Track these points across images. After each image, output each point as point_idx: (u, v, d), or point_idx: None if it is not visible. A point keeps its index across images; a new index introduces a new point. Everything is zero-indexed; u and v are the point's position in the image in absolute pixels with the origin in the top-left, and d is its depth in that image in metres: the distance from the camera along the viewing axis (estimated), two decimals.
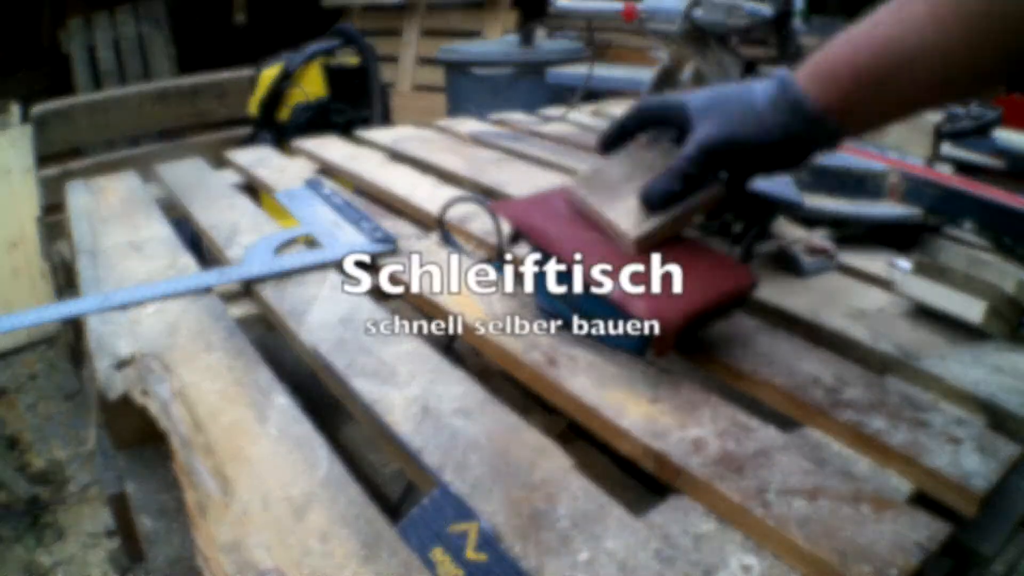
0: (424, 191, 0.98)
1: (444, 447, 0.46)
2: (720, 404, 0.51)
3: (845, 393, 0.53)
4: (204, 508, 0.41)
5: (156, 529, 0.48)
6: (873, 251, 0.82)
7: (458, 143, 1.28)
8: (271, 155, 1.19)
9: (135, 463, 0.54)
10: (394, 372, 0.55)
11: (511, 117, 1.50)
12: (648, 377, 0.54)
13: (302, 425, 0.49)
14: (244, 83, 1.89)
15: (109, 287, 0.70)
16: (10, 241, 2.32)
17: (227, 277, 0.70)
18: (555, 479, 0.44)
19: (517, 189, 0.98)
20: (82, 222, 0.89)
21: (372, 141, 1.28)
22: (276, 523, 0.40)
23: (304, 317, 0.63)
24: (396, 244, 0.78)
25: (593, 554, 0.39)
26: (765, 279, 0.71)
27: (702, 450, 0.46)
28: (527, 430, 0.48)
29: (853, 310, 0.66)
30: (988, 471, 0.45)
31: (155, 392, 0.52)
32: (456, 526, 0.40)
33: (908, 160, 0.88)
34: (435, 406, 0.51)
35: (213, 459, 0.45)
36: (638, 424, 0.48)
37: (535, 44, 2.41)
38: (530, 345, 0.58)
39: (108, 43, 3.42)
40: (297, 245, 0.80)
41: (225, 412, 0.50)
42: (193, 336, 0.60)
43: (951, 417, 0.51)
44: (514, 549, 0.39)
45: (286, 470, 0.44)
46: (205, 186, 1.02)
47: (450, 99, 2.48)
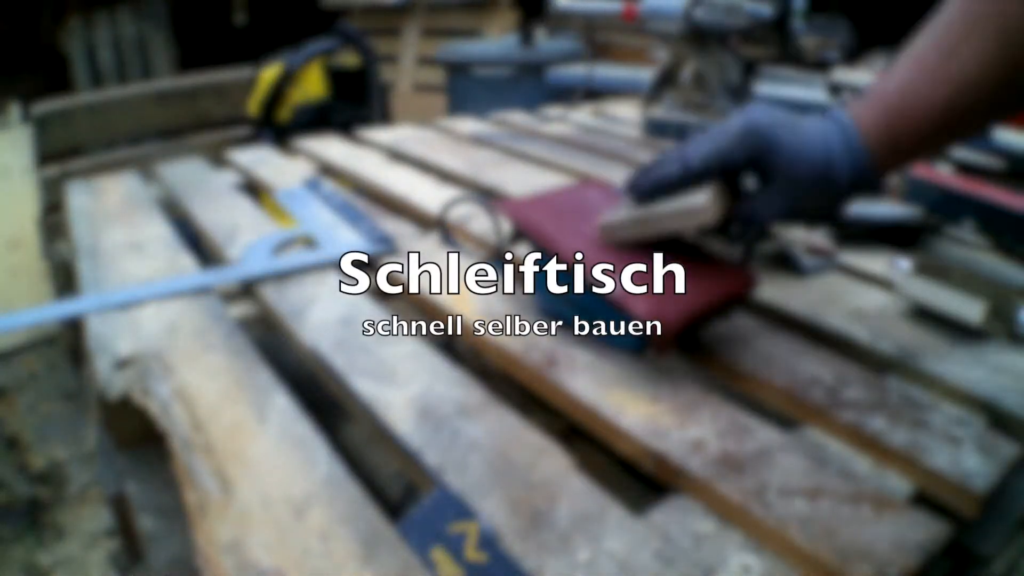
0: (424, 191, 0.98)
1: (444, 447, 0.46)
2: (720, 404, 0.51)
3: (845, 393, 0.53)
4: (204, 508, 0.41)
5: (156, 529, 0.48)
6: (873, 251, 0.82)
7: (458, 143, 1.28)
8: (271, 155, 1.19)
9: (135, 463, 0.54)
10: (394, 372, 0.55)
11: (511, 117, 1.50)
12: (648, 377, 0.54)
13: (302, 425, 0.49)
14: (244, 83, 1.89)
15: (109, 287, 0.70)
16: (10, 241, 2.32)
17: (227, 277, 0.70)
18: (555, 479, 0.44)
19: (517, 189, 0.98)
20: (82, 222, 0.89)
21: (372, 141, 1.28)
22: (276, 523, 0.40)
23: (304, 317, 0.63)
24: (394, 244, 0.78)
25: (593, 554, 0.39)
26: (765, 279, 0.71)
27: (702, 450, 0.46)
28: (527, 430, 0.48)
29: (853, 310, 0.66)
30: (988, 471, 0.45)
31: (155, 392, 0.52)
32: (456, 526, 0.40)
33: None
34: (435, 406, 0.51)
35: (213, 459, 0.45)
36: (638, 424, 0.48)
37: (535, 44, 2.41)
38: (530, 345, 0.58)
39: (108, 43, 3.42)
40: (296, 245, 0.80)
41: (225, 412, 0.50)
42: (193, 336, 0.60)
43: (951, 417, 0.51)
44: (514, 549, 0.39)
45: (286, 470, 0.44)
46: (205, 186, 1.02)
47: (450, 99, 2.48)
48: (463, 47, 2.50)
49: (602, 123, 1.50)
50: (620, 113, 1.60)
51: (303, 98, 1.73)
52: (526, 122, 1.46)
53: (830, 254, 0.76)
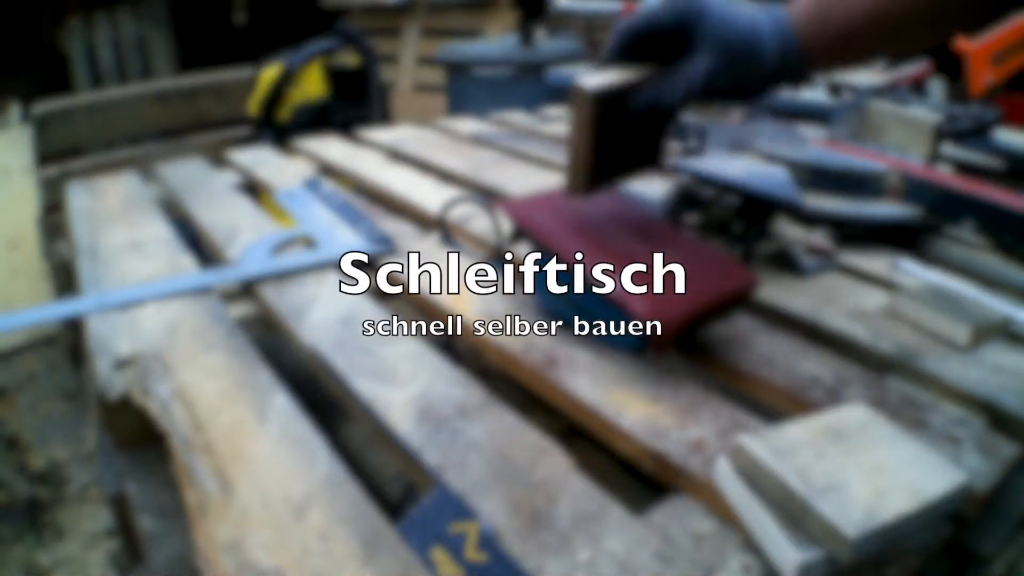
0: (424, 191, 0.98)
1: (444, 447, 0.46)
2: (720, 404, 0.51)
3: (845, 393, 0.53)
4: (204, 508, 0.41)
5: (156, 529, 0.48)
6: (873, 251, 0.82)
7: (458, 143, 1.28)
8: (271, 155, 1.19)
9: (135, 463, 0.54)
10: (394, 372, 0.55)
11: (511, 117, 1.50)
12: (648, 377, 0.54)
13: (302, 425, 0.49)
14: (244, 83, 1.89)
15: (109, 287, 0.70)
16: (10, 241, 2.32)
17: (227, 277, 0.70)
18: (555, 479, 0.44)
19: (517, 189, 0.98)
20: (82, 222, 0.89)
21: (372, 141, 1.28)
22: (276, 523, 0.40)
23: (304, 317, 0.63)
24: (393, 245, 0.78)
25: (593, 554, 0.39)
26: (765, 279, 0.71)
27: (702, 450, 0.46)
28: (527, 430, 0.48)
29: (853, 310, 0.66)
30: (988, 471, 0.45)
31: (155, 392, 0.52)
32: (456, 526, 0.40)
33: (908, 160, 0.88)
34: (435, 406, 0.51)
35: (213, 459, 0.45)
36: (638, 424, 0.48)
37: (535, 44, 2.41)
38: (530, 345, 0.58)
39: (108, 43, 3.42)
40: (296, 245, 0.80)
41: (225, 412, 0.50)
42: (193, 336, 0.60)
43: (951, 417, 0.51)
44: (514, 549, 0.39)
45: (286, 470, 0.44)
46: (205, 186, 1.02)
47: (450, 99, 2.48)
48: (463, 47, 2.50)
49: None
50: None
51: (303, 98, 1.73)
52: (526, 122, 1.46)
53: (830, 254, 0.76)
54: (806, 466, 0.39)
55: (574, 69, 2.09)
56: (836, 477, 0.38)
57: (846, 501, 0.37)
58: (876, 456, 0.40)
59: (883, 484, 0.38)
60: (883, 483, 0.38)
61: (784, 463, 0.39)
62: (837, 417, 0.43)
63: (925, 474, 0.39)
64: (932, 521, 0.38)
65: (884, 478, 0.38)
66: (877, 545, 0.36)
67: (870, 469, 0.39)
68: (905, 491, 0.38)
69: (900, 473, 0.39)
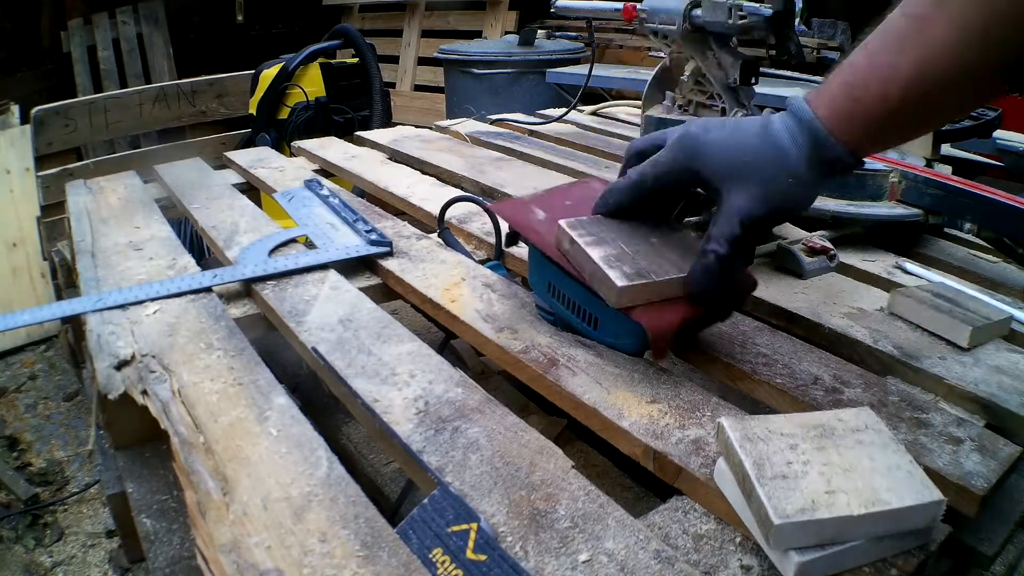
0: (424, 191, 0.98)
1: (444, 447, 0.46)
2: (720, 404, 0.51)
3: (845, 393, 0.53)
4: (204, 508, 0.41)
5: (156, 529, 0.48)
6: (873, 251, 0.82)
7: (458, 143, 1.28)
8: (271, 155, 1.19)
9: (135, 463, 0.54)
10: (394, 372, 0.55)
11: (511, 117, 1.50)
12: (648, 377, 0.54)
13: (302, 425, 0.49)
14: (244, 83, 1.89)
15: (109, 287, 0.70)
16: (10, 241, 2.32)
17: (226, 277, 0.70)
18: (555, 479, 0.44)
19: (517, 189, 0.97)
20: (82, 222, 0.89)
21: (372, 141, 1.28)
22: (276, 523, 0.40)
23: (304, 317, 0.63)
24: (392, 245, 0.78)
25: (593, 554, 0.39)
26: (765, 279, 0.71)
27: (702, 450, 0.46)
28: (527, 430, 0.48)
29: (853, 310, 0.66)
30: (988, 471, 0.45)
31: (155, 392, 0.52)
32: (456, 526, 0.40)
33: (908, 160, 0.88)
34: (435, 406, 0.51)
35: (213, 459, 0.45)
36: (638, 424, 0.48)
37: (535, 44, 2.41)
38: (530, 345, 0.58)
39: (108, 43, 3.42)
40: (296, 245, 0.80)
41: (225, 412, 0.50)
42: (193, 336, 0.60)
43: (951, 417, 0.51)
44: (514, 549, 0.39)
45: (286, 470, 0.44)
46: (205, 186, 1.02)
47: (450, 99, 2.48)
48: (463, 47, 2.50)
49: (602, 123, 1.50)
50: (620, 113, 1.60)
51: (303, 98, 1.73)
52: (526, 122, 1.46)
53: (830, 254, 0.76)
54: (770, 453, 0.39)
55: (574, 69, 2.09)
56: (795, 469, 0.38)
57: (791, 491, 0.37)
58: (852, 459, 0.39)
59: (841, 484, 0.37)
60: (842, 484, 0.37)
61: (748, 447, 0.39)
62: (836, 417, 0.43)
63: (894, 485, 0.37)
64: (893, 535, 0.37)
65: (845, 479, 0.37)
66: (807, 540, 0.36)
67: (838, 469, 0.38)
68: (861, 496, 0.37)
69: (866, 478, 0.38)
